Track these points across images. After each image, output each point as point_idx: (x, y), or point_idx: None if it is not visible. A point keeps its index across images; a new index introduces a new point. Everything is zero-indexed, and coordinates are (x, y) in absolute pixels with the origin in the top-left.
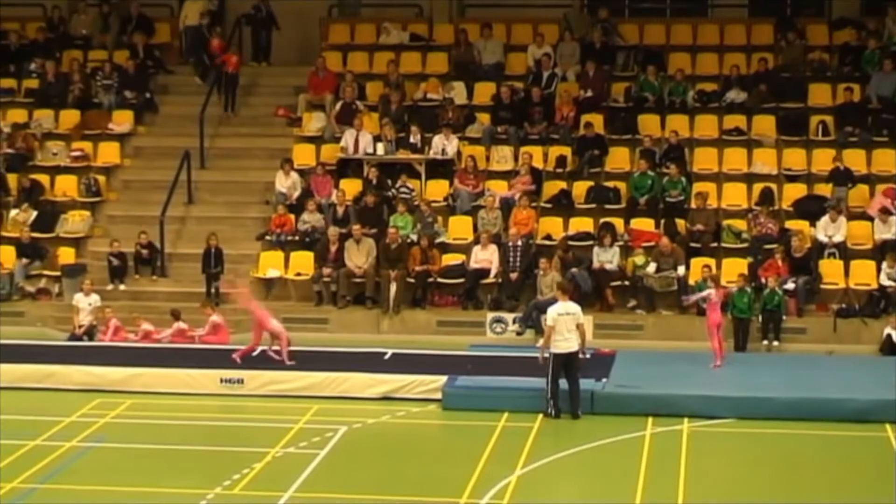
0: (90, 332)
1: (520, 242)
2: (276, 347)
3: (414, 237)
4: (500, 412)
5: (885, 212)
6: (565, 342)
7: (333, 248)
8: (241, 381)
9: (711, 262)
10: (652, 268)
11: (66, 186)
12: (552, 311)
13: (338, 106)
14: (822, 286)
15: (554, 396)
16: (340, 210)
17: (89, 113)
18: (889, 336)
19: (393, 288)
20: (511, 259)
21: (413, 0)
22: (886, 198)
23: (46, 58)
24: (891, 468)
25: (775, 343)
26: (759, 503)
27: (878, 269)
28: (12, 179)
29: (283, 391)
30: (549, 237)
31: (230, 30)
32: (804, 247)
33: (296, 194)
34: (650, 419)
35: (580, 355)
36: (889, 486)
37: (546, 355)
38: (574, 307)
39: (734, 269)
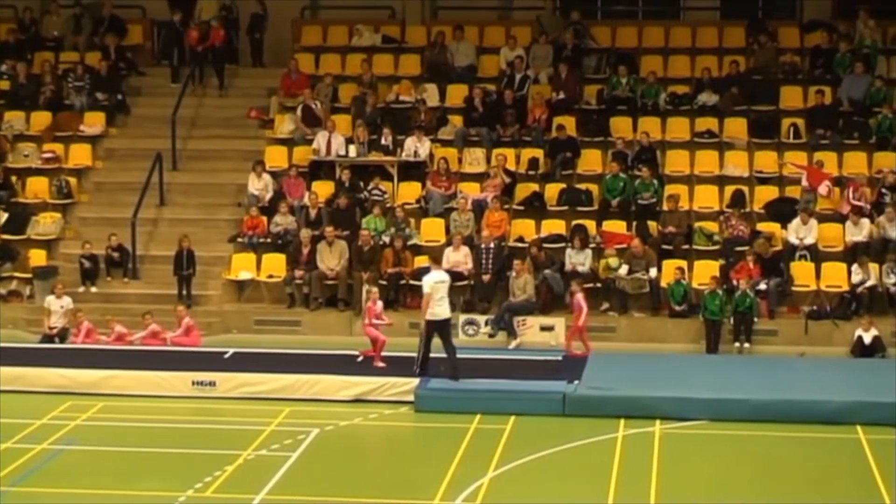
0: (63, 335)
1: (492, 244)
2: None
3: (386, 239)
4: (473, 414)
5: (857, 212)
6: (441, 309)
7: (306, 251)
8: (213, 384)
9: (683, 263)
10: (624, 270)
11: (38, 188)
12: (428, 279)
13: (299, 109)
14: (794, 288)
15: (425, 359)
16: (313, 212)
17: (61, 114)
18: (860, 338)
19: (365, 290)
20: (483, 261)
21: (385, 2)
22: (854, 191)
23: (18, 59)
24: (862, 470)
25: (747, 345)
26: None
27: (849, 272)
28: None
29: (255, 393)
30: (521, 239)
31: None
32: (770, 249)
33: (268, 196)
34: (622, 421)
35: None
36: (860, 487)
37: (427, 319)
38: (446, 275)
39: (706, 271)
